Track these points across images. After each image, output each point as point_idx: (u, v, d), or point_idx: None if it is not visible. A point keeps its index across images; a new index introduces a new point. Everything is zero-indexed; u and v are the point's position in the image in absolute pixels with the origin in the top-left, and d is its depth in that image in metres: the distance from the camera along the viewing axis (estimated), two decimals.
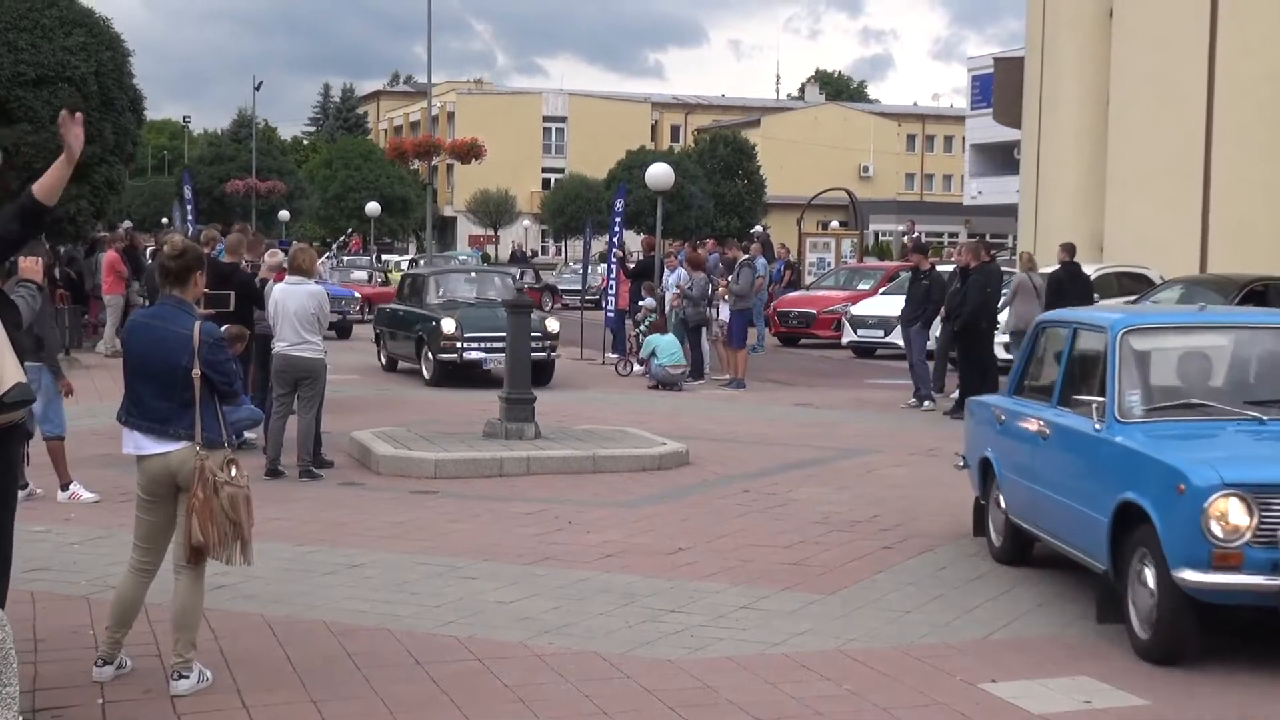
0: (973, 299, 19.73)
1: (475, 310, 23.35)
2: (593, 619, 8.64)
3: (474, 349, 22.60)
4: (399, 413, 19.07)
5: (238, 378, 7.27)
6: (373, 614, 8.65)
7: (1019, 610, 9.03)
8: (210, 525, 7.00)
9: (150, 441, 7.12)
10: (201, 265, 7.33)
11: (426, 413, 19.21)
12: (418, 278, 25.90)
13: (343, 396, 20.24)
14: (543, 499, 12.95)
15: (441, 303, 24.01)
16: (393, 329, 25.16)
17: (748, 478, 14.43)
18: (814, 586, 9.63)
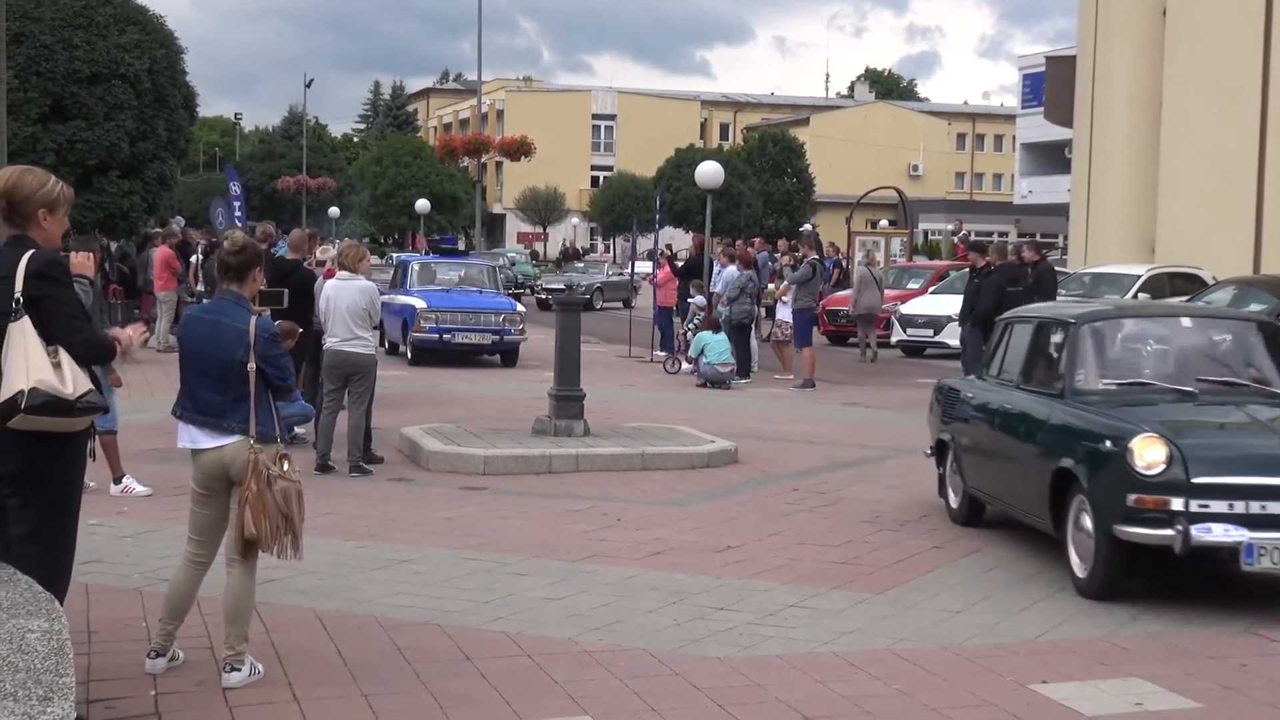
0: (985, 300, 19.71)
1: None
2: (641, 616, 8.64)
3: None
4: (448, 409, 19.12)
5: (291, 373, 7.31)
6: (422, 609, 8.68)
7: (1069, 612, 8.98)
8: (263, 518, 7.05)
9: (205, 435, 7.17)
10: (260, 261, 7.37)
11: (476, 409, 19.25)
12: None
13: (393, 392, 20.31)
14: (591, 496, 12.97)
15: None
16: None
17: (796, 476, 14.41)
18: (863, 585, 9.60)
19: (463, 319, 25.22)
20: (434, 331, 25.10)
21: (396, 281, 27.60)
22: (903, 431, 18.26)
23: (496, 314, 25.58)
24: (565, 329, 15.98)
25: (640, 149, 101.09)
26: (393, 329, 26.17)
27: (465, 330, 25.17)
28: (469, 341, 25.25)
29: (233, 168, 48.97)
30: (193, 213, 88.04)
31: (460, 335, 25.14)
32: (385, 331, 25.95)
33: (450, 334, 25.11)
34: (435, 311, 25.25)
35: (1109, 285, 27.91)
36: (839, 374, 26.13)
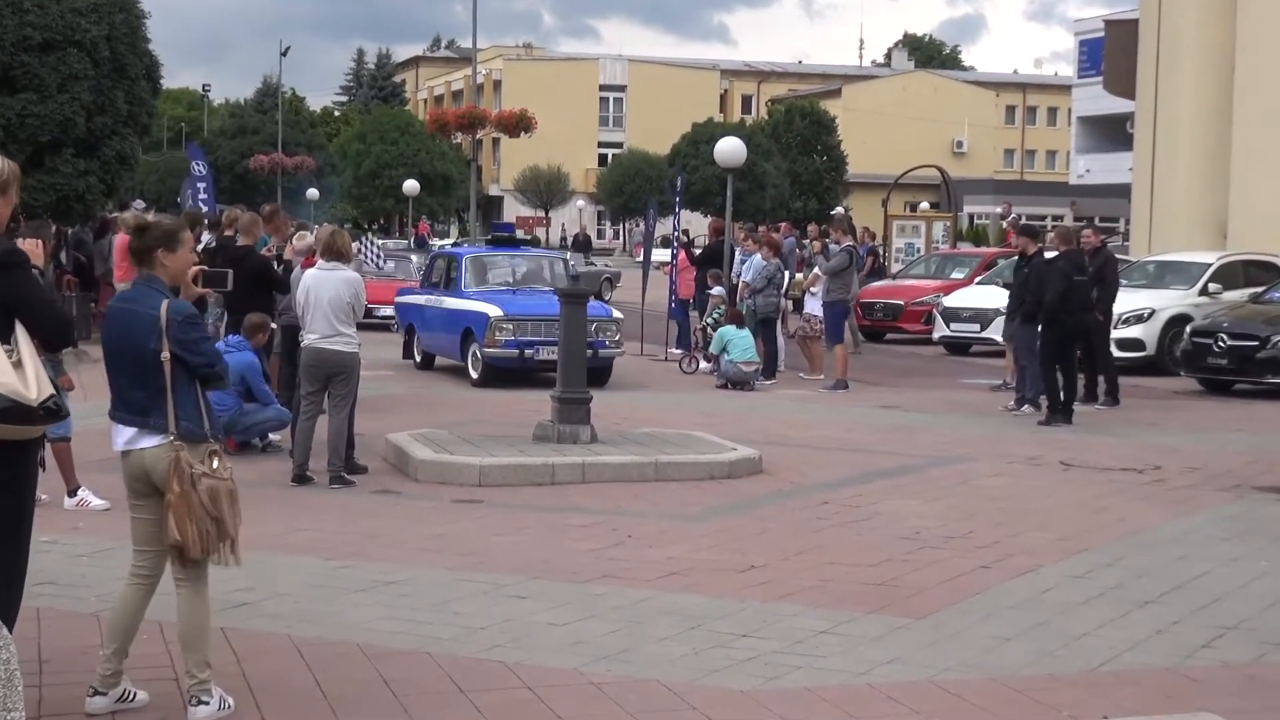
0: (1049, 291, 19.57)
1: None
2: (655, 644, 8.62)
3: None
4: (439, 413, 19.12)
5: (217, 358, 7.20)
6: (410, 636, 8.67)
7: (1134, 638, 8.95)
8: (188, 522, 6.97)
9: (129, 435, 7.15)
10: (168, 243, 7.24)
11: (470, 413, 19.25)
12: None
13: (377, 395, 20.31)
14: (599, 510, 12.96)
15: None
16: None
17: (828, 488, 14.38)
18: (902, 610, 9.58)
19: (547, 329, 21.59)
20: (512, 346, 22.34)
21: (441, 281, 25.00)
22: (946, 437, 18.24)
23: (589, 322, 22.76)
24: (570, 324, 15.98)
25: (653, 124, 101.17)
26: (443, 342, 24.18)
27: (553, 344, 20.84)
28: (555, 358, 22.17)
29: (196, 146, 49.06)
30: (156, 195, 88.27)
31: (546, 350, 21.70)
32: (422, 342, 25.25)
33: (533, 349, 22.23)
34: (513, 321, 22.41)
35: (1176, 274, 27.91)
36: (875, 373, 26.10)
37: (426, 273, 26.44)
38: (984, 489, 14.56)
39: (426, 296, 25.05)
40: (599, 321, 22.40)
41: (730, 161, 27.52)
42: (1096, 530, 12.49)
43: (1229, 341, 23.19)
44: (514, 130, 47.32)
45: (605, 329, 22.81)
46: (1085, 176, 73.05)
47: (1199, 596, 10.06)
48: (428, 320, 24.86)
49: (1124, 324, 25.34)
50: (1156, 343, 26.28)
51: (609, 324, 23.04)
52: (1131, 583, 10.46)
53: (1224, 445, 17.98)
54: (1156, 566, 11.03)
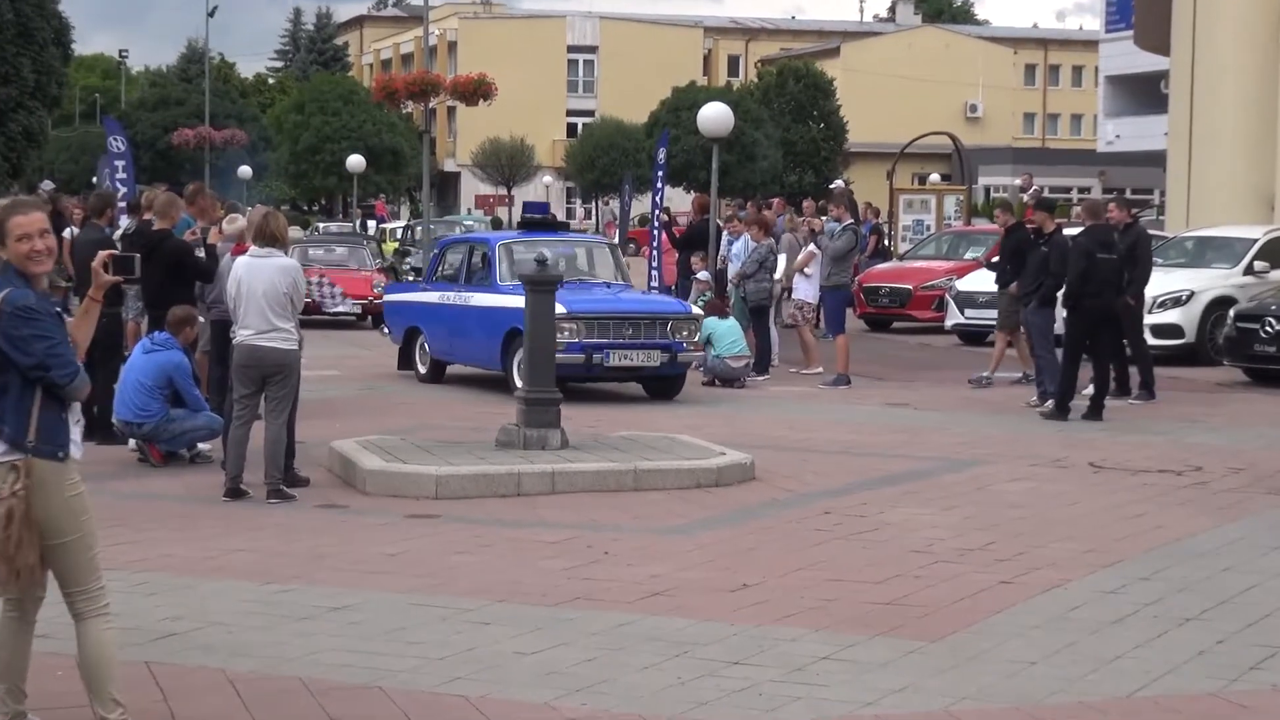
0: (1070, 269, 19.64)
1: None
2: (636, 674, 8.63)
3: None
4: (391, 417, 19.10)
5: (61, 364, 6.97)
6: (361, 668, 8.66)
7: (1173, 660, 8.99)
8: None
9: None
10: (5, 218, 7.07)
11: (425, 417, 19.23)
12: None
13: (320, 398, 20.29)
14: (572, 524, 12.95)
15: None
16: None
17: (829, 496, 14.40)
18: (914, 632, 9.60)
19: (617, 330, 20.99)
20: (578, 350, 20.65)
21: (459, 274, 23.23)
22: (961, 438, 18.27)
23: (664, 321, 21.55)
24: (536, 314, 15.96)
25: (628, 89, 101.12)
26: (473, 347, 22.38)
27: (626, 347, 21.09)
28: (629, 364, 21.25)
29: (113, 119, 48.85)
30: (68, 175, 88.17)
31: (618, 355, 20.98)
32: (434, 349, 23.35)
33: (602, 353, 20.91)
34: (579, 319, 20.74)
35: (1217, 251, 27.98)
36: (880, 367, 26.14)
37: (433, 265, 24.63)
38: (1004, 495, 14.58)
39: (440, 294, 23.13)
40: (674, 319, 21.58)
41: (715, 130, 27.56)
42: (1130, 540, 12.52)
43: (1278, 326, 23.23)
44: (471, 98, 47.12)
45: (682, 328, 21.55)
46: (1114, 143, 73.24)
47: (1246, 613, 10.10)
48: (446, 322, 22.96)
49: (1159, 308, 25.41)
50: (1196, 329, 26.34)
51: (686, 322, 21.74)
52: (1170, 598, 10.49)
53: (1273, 443, 18.03)
54: (1198, 580, 11.06)
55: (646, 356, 21.15)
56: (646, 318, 21.43)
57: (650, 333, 21.23)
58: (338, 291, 33.15)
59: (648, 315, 21.51)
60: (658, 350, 21.22)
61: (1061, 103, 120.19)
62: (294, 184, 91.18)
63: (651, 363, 21.29)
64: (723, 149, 30.04)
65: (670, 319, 21.44)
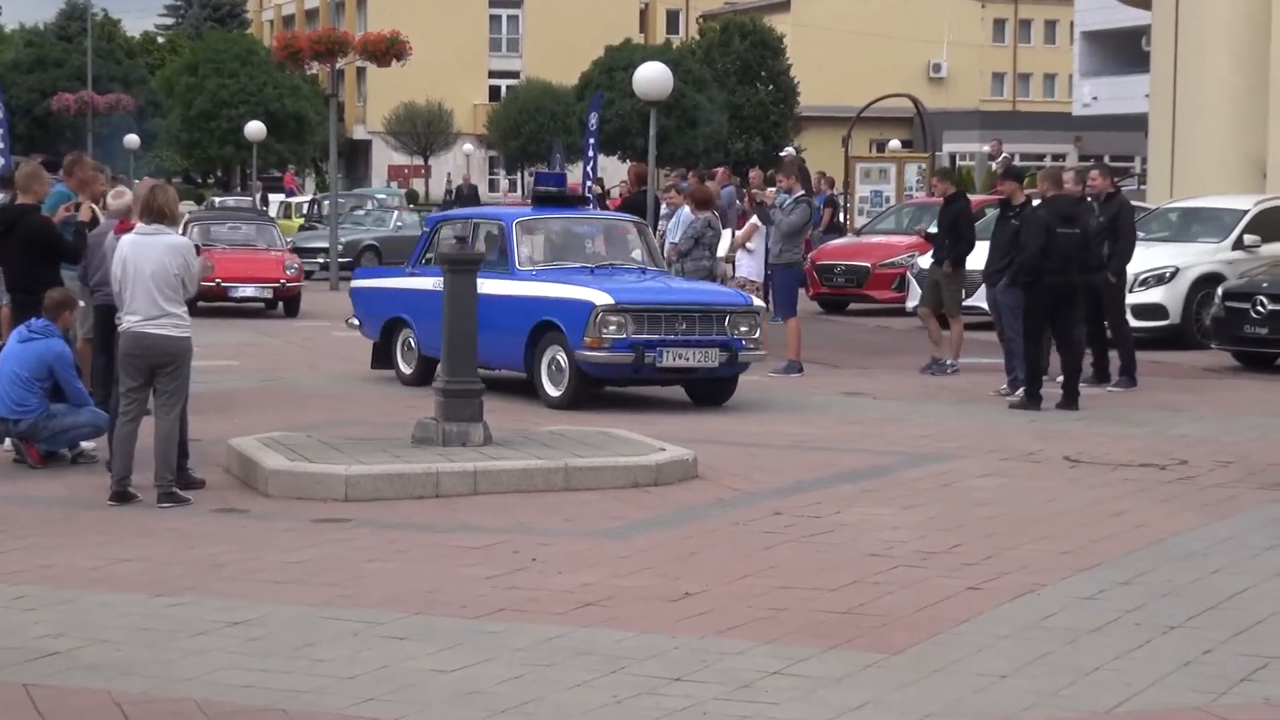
0: (1029, 243, 19.75)
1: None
2: (567, 692, 8.63)
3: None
4: (294, 412, 19.06)
5: None
6: (262, 689, 8.63)
7: (1157, 671, 9.03)
8: None
9: None
10: None
11: (334, 411, 19.20)
12: None
13: (215, 391, 20.23)
14: (496, 528, 12.95)
15: None
16: None
17: (779, 495, 14.44)
18: (873, 643, 9.63)
19: (670, 324, 19.79)
20: (626, 347, 19.43)
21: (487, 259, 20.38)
22: (923, 430, 18.34)
23: (722, 314, 20.23)
24: (456, 297, 15.93)
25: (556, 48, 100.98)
26: (491, 343, 19.57)
27: (681, 345, 19.78)
28: (684, 364, 19.88)
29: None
30: None
31: (672, 354, 19.68)
32: (424, 345, 21.66)
33: (654, 351, 19.56)
34: (628, 311, 19.60)
35: (1204, 224, 28.15)
36: (835, 353, 26.20)
37: (422, 246, 23.05)
38: (971, 493, 14.65)
39: (435, 280, 19.94)
40: (734, 312, 20.27)
41: (653, 93, 27.59)
42: (1110, 541, 12.60)
43: (1270, 305, 23.36)
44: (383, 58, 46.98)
45: (742, 322, 20.26)
46: (1091, 106, 73.52)
47: (1236, 619, 10.17)
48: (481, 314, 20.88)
49: (1141, 286, 25.53)
50: (1181, 309, 26.48)
51: (747, 316, 20.43)
52: (1154, 604, 10.56)
53: (1266, 433, 18.17)
54: (1184, 584, 11.14)
55: (704, 355, 19.86)
56: (702, 310, 20.15)
57: (707, 328, 19.95)
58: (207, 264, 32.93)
59: (704, 307, 20.21)
60: (716, 348, 19.88)
61: (1034, 61, 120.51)
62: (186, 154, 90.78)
63: (709, 363, 19.97)
64: (661, 113, 30.07)
65: (728, 312, 20.15)
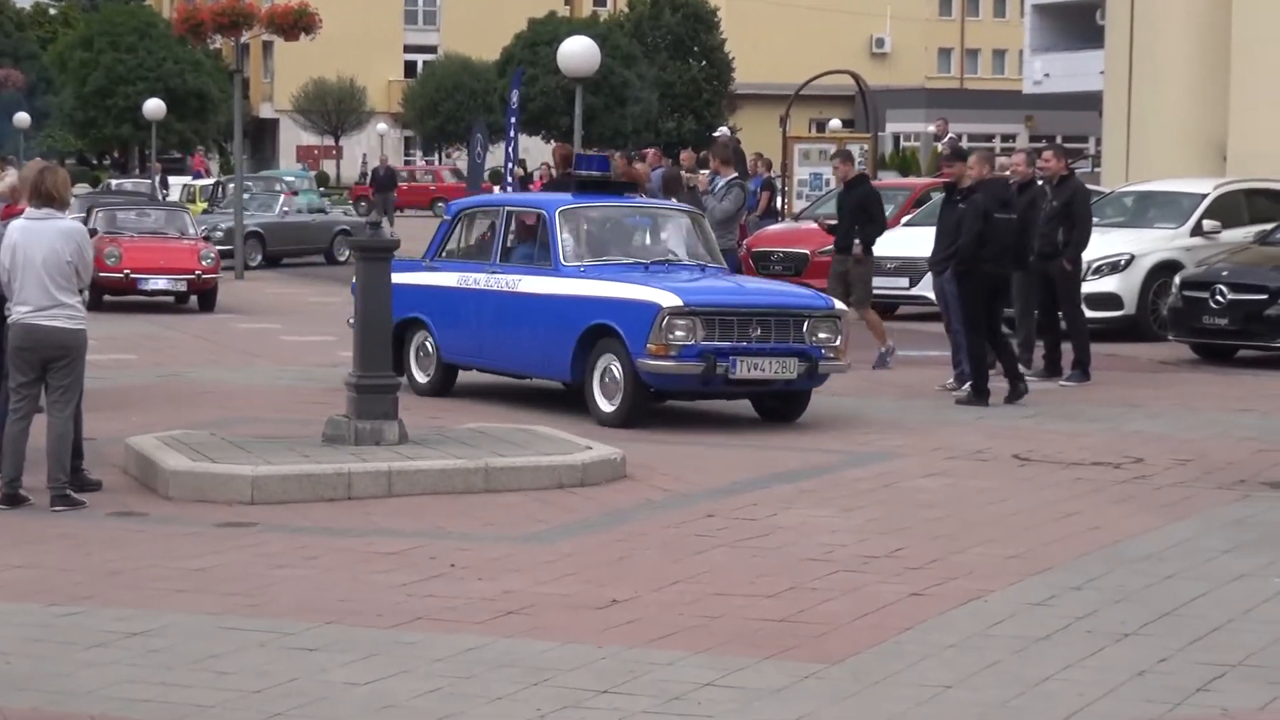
0: (965, 229, 19.86)
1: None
2: (487, 705, 8.65)
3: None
4: (196, 407, 19.00)
5: None
6: (162, 703, 8.62)
7: (1109, 682, 9.10)
8: None
9: None
10: None
11: (238, 407, 19.14)
12: None
13: (112, 387, 20.14)
14: (412, 532, 12.95)
15: None
16: None
17: (712, 496, 14.49)
18: (811, 653, 9.67)
19: (742, 329, 18.20)
20: (695, 355, 17.89)
21: (489, 249, 20.52)
22: (865, 427, 18.38)
23: (800, 318, 18.64)
24: (370, 286, 15.90)
25: (476, 21, 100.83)
26: (528, 350, 19.60)
27: (756, 353, 18.15)
28: (760, 375, 18.23)
29: None
30: None
31: (746, 364, 18.05)
32: (451, 349, 20.48)
33: (728, 362, 17.96)
34: (696, 315, 18.11)
35: (1161, 209, 28.28)
36: None
37: (441, 237, 21.37)
38: (916, 493, 14.72)
39: (460, 275, 20.37)
40: (812, 315, 18.65)
41: (579, 69, 27.57)
42: (1061, 543, 12.68)
43: (1230, 295, 23.50)
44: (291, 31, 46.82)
45: (822, 328, 18.64)
46: (1043, 83, 73.75)
47: (1193, 626, 10.26)
48: (472, 314, 20.17)
49: (1095, 275, 25.60)
50: (1137, 298, 26.57)
51: (828, 321, 18.81)
52: (1106, 610, 10.64)
53: (1225, 429, 18.29)
54: (1138, 589, 11.22)
55: (781, 366, 18.23)
56: (779, 313, 18.61)
57: (784, 334, 18.37)
58: None
59: (781, 310, 18.67)
60: (794, 358, 18.26)
61: (982, 37, 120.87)
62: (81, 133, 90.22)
63: (786, 373, 18.33)
64: (588, 91, 30.09)
65: (808, 316, 18.55)
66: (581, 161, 22.77)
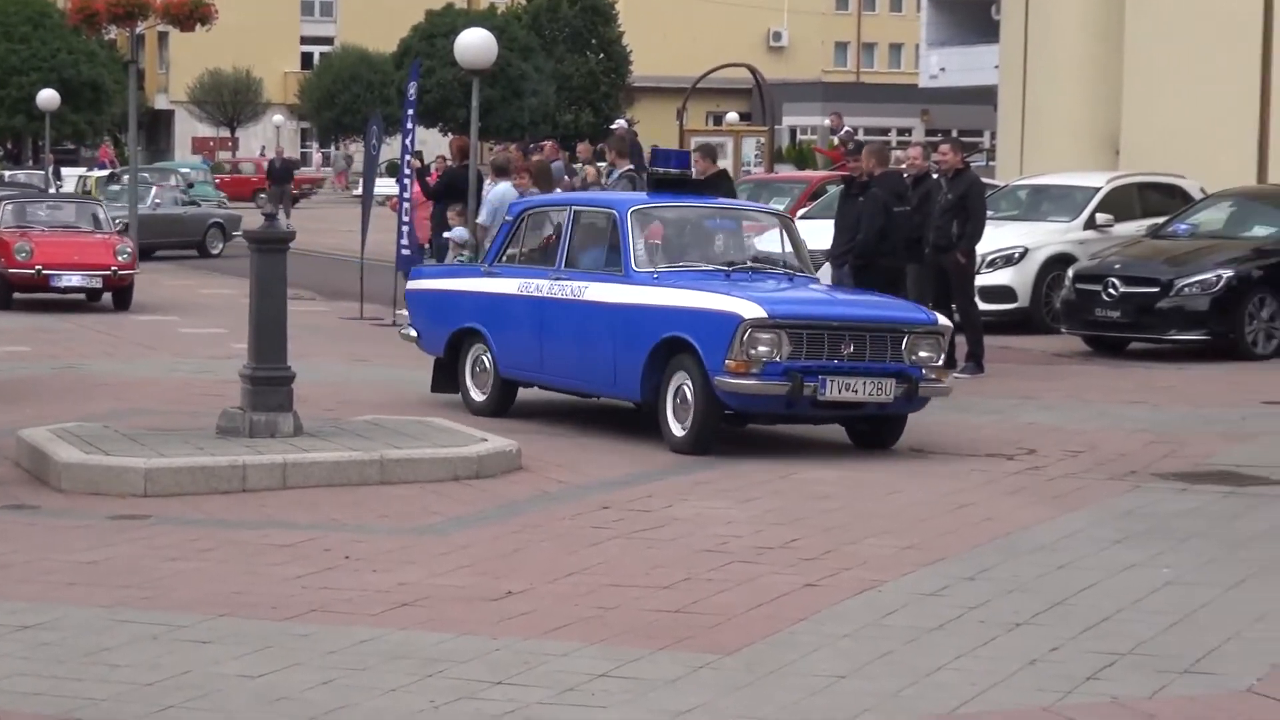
0: (866, 224, 19.98)
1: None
2: (382, 698, 8.62)
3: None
4: (92, 401, 18.87)
5: None
6: (53, 697, 8.56)
7: (1001, 671, 9.14)
8: None
9: None
10: None
11: (133, 400, 19.02)
12: None
13: (6, 378, 20.05)
14: (307, 524, 12.92)
15: None
16: None
17: (607, 488, 14.52)
18: (706, 644, 9.68)
19: (834, 345, 16.32)
20: (779, 374, 16.03)
21: (552, 254, 18.55)
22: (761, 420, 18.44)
23: (898, 334, 16.72)
24: (265, 278, 15.83)
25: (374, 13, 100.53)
26: (593, 363, 17.73)
27: (848, 373, 16.27)
28: (852, 397, 16.32)
29: None
30: None
31: (837, 384, 16.17)
32: (508, 362, 18.47)
33: (817, 381, 16.03)
34: (782, 328, 16.20)
35: (1055, 203, 28.47)
36: None
37: (503, 239, 19.48)
38: (810, 485, 14.79)
39: (520, 281, 18.54)
40: (913, 332, 16.75)
41: (476, 61, 27.47)
42: (954, 535, 12.78)
43: (1122, 288, 23.68)
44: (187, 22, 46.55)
45: (923, 345, 16.74)
46: (939, 77, 73.97)
47: (1084, 615, 10.33)
48: (534, 324, 18.25)
49: (989, 268, 25.71)
50: (1031, 291, 26.73)
51: (930, 337, 16.88)
52: (998, 600, 10.70)
53: (1117, 421, 18.42)
54: (1030, 579, 11.29)
55: (876, 387, 16.34)
56: (875, 328, 16.73)
57: (880, 351, 16.52)
58: None
59: (878, 325, 16.81)
60: (891, 378, 16.37)
61: (878, 30, 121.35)
62: None
63: (882, 396, 16.41)
64: (485, 83, 30.00)
65: (907, 332, 16.66)
66: (659, 157, 21.29)
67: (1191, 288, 23.53)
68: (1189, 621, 10.22)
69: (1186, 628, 10.08)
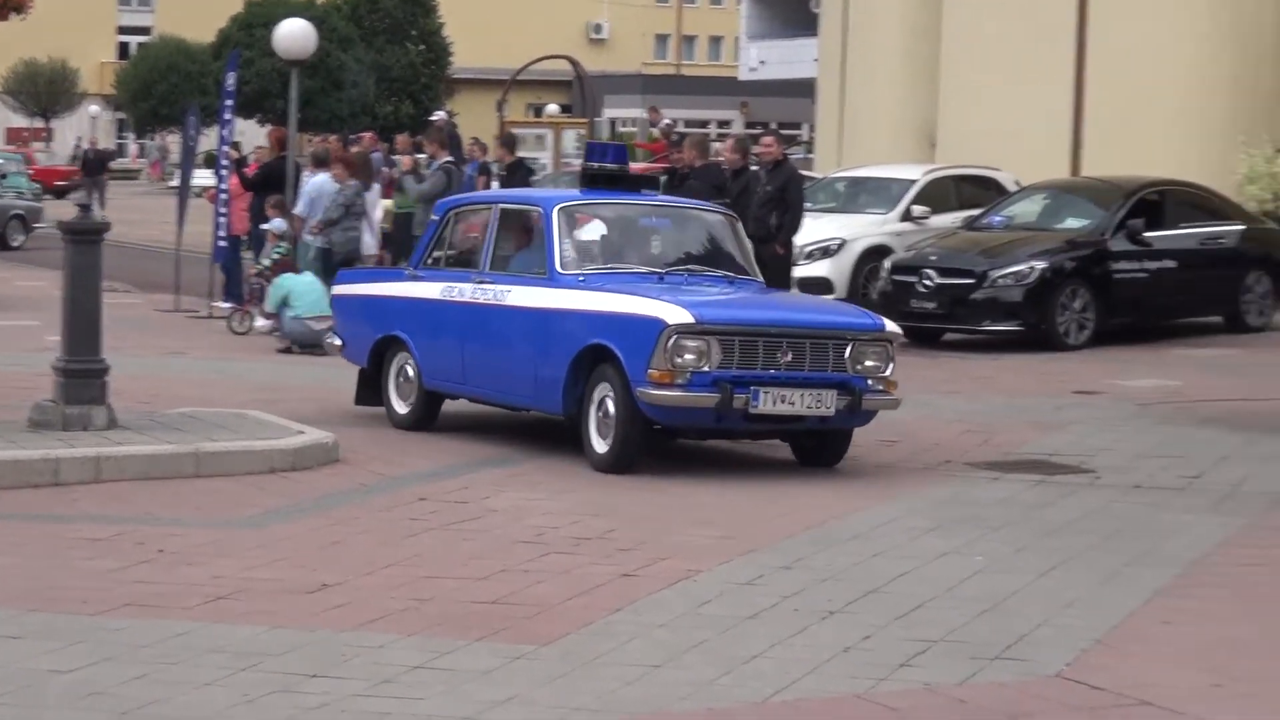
0: None
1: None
2: (195, 691, 8.56)
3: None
4: None
5: None
6: None
7: (815, 659, 9.22)
8: None
9: None
10: None
11: None
12: None
13: None
14: (120, 518, 12.80)
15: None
16: None
17: (425, 480, 14.53)
18: (521, 634, 9.71)
19: (769, 353, 15.12)
20: (708, 384, 14.80)
21: (477, 255, 17.39)
22: None
23: (842, 341, 15.45)
24: (79, 269, 15.67)
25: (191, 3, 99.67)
26: (512, 372, 16.50)
27: (784, 383, 15.02)
28: (788, 410, 15.02)
29: None
30: None
31: (771, 396, 14.90)
32: (433, 372, 17.20)
33: (750, 393, 14.80)
34: (710, 334, 15.03)
35: (872, 195, 28.72)
36: None
37: (428, 240, 18.31)
38: (627, 476, 14.85)
39: (444, 285, 17.43)
40: (857, 339, 15.46)
41: (295, 52, 27.36)
42: (768, 524, 12.88)
43: (937, 279, 23.96)
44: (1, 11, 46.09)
45: (868, 354, 15.49)
46: (758, 70, 74.43)
47: (897, 603, 10.45)
48: (456, 332, 17.09)
49: (807, 259, 25.89)
50: (848, 282, 26.91)
51: (876, 344, 15.64)
52: (813, 589, 10.79)
53: (932, 412, 18.58)
54: (844, 567, 11.41)
55: (816, 399, 15.08)
56: (815, 334, 15.51)
57: (820, 360, 15.30)
58: None
59: (817, 331, 15.58)
60: (832, 389, 15.12)
61: (699, 23, 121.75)
62: None
63: (822, 409, 15.12)
64: (304, 74, 29.86)
65: (850, 338, 15.39)
66: (594, 151, 19.46)
67: (1005, 279, 23.85)
68: (1000, 609, 10.38)
69: (998, 615, 10.23)
